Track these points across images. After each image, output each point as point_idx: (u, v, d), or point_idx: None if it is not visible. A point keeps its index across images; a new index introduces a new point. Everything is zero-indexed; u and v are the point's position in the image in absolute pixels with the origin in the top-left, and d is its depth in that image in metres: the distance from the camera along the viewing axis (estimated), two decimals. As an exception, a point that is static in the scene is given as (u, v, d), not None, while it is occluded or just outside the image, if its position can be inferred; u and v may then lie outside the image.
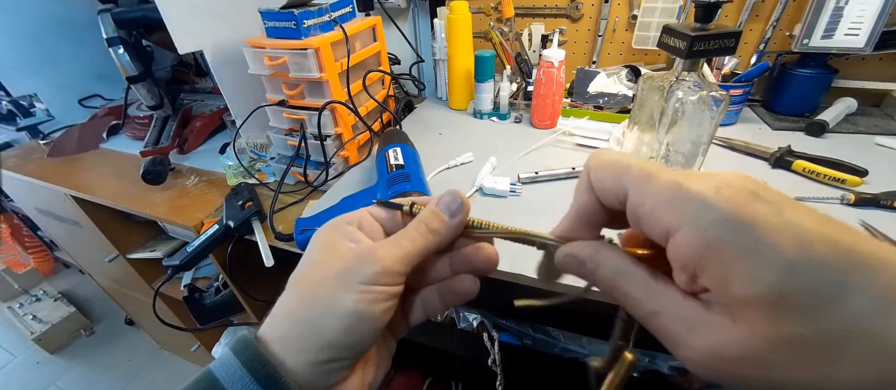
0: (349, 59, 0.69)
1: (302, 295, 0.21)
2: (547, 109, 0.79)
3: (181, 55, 1.09)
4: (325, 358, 0.20)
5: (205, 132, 0.97)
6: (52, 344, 1.64)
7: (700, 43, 0.46)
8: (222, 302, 0.88)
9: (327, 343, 0.20)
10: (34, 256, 1.86)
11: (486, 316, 0.74)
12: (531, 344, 0.73)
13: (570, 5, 0.94)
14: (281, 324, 0.21)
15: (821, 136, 0.72)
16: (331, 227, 0.24)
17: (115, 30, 0.77)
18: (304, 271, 0.22)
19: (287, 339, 0.20)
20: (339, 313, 0.20)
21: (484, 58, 0.82)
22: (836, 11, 0.68)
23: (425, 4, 1.03)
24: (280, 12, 0.63)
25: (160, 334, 1.51)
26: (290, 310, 0.21)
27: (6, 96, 1.08)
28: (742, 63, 0.86)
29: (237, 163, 0.74)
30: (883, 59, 0.77)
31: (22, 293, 1.76)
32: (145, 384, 1.53)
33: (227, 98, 0.75)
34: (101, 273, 1.24)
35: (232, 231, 0.61)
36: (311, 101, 0.68)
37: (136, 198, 0.77)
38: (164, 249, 1.01)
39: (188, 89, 1.18)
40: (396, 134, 0.67)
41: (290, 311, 0.21)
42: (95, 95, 1.20)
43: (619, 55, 0.96)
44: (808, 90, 0.77)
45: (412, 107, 0.98)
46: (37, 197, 1.04)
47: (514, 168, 0.68)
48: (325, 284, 0.21)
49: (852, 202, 0.54)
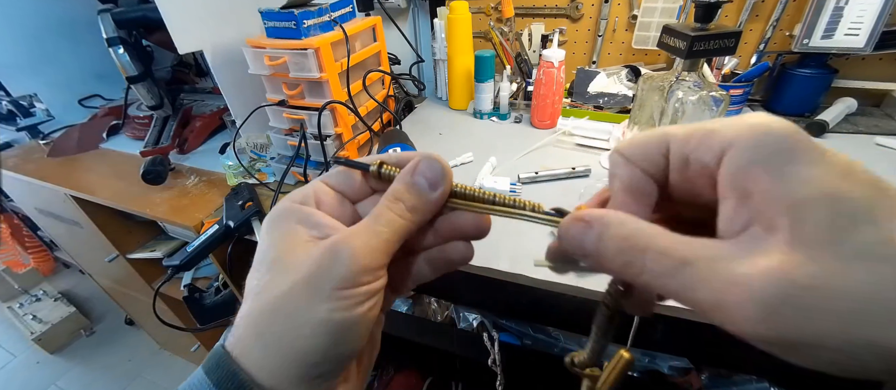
0: (349, 59, 0.69)
1: (267, 310, 0.17)
2: (547, 109, 0.79)
3: (181, 55, 1.09)
4: (309, 376, 0.17)
5: (205, 132, 0.97)
6: (52, 344, 1.64)
7: (700, 43, 0.46)
8: (222, 302, 0.88)
9: (307, 362, 0.17)
10: (34, 256, 1.86)
11: (486, 316, 0.74)
12: (531, 344, 0.73)
13: (570, 5, 0.94)
14: (249, 347, 0.18)
15: (821, 136, 0.72)
16: (284, 213, 0.20)
17: (115, 30, 0.77)
18: (265, 277, 0.18)
19: (261, 367, 0.17)
20: (316, 329, 0.17)
21: (484, 58, 0.82)
22: (836, 11, 0.68)
23: (425, 4, 1.03)
24: (280, 12, 0.63)
25: (160, 334, 1.51)
26: (257, 329, 0.18)
27: (6, 96, 1.08)
28: (742, 63, 0.86)
29: (237, 163, 0.74)
30: (883, 59, 0.77)
31: (22, 293, 1.76)
32: (145, 384, 1.53)
33: (227, 98, 0.75)
34: (101, 273, 1.24)
35: (232, 231, 0.61)
36: (311, 101, 0.68)
37: (136, 198, 0.77)
38: (164, 249, 1.01)
39: (188, 89, 1.18)
40: (396, 134, 0.67)
41: (258, 330, 0.18)
42: (95, 95, 1.20)
43: (619, 55, 0.96)
44: (808, 90, 0.77)
45: (412, 107, 0.98)
46: (37, 197, 1.04)
47: (514, 168, 0.68)
48: (293, 295, 0.17)
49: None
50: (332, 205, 0.21)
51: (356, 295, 0.17)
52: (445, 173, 0.19)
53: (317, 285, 0.17)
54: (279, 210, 0.20)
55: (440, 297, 0.83)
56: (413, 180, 0.19)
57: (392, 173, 0.20)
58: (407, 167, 0.20)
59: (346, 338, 0.17)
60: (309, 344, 0.17)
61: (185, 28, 0.66)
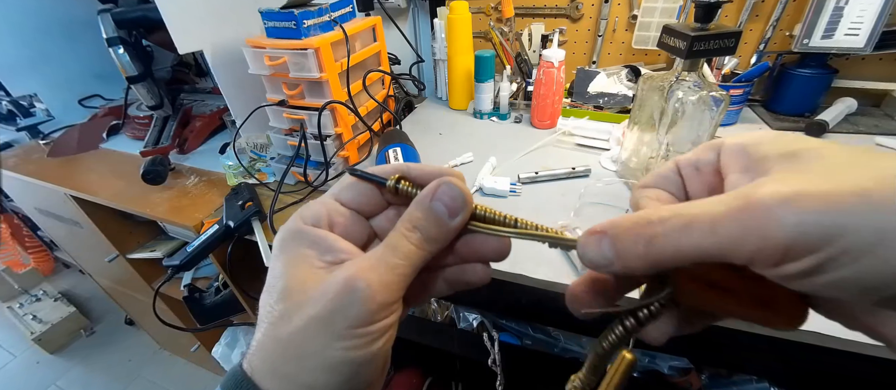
0: (349, 59, 0.69)
1: (281, 346, 0.17)
2: (547, 109, 0.79)
3: (181, 55, 1.09)
4: None
5: (205, 132, 0.97)
6: (52, 344, 1.64)
7: (700, 43, 0.46)
8: (222, 302, 0.88)
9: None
10: (34, 256, 1.86)
11: (486, 316, 0.74)
12: (531, 345, 0.73)
13: (570, 5, 0.94)
14: (263, 379, 0.17)
15: (821, 137, 0.72)
16: (294, 235, 0.19)
17: (115, 30, 0.77)
18: (277, 307, 0.18)
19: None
20: (331, 367, 0.17)
21: (484, 58, 0.82)
22: (836, 11, 0.68)
23: (425, 4, 1.03)
24: (280, 12, 0.63)
25: (160, 334, 1.51)
26: (271, 366, 0.17)
27: (6, 96, 1.08)
28: (742, 63, 0.86)
29: (237, 163, 0.74)
30: (883, 59, 0.77)
31: (22, 293, 1.76)
32: (145, 384, 1.53)
33: (227, 98, 0.75)
34: (101, 273, 1.24)
35: (232, 231, 0.61)
36: (311, 101, 0.68)
37: (136, 198, 0.77)
38: (164, 249, 1.01)
39: (188, 89, 1.18)
40: (396, 134, 0.67)
41: (271, 367, 0.17)
42: (95, 95, 1.20)
43: (619, 55, 0.96)
44: (808, 90, 0.77)
45: (412, 107, 0.98)
46: (37, 197, 1.04)
47: (514, 168, 0.68)
48: (307, 332, 0.17)
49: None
50: (346, 225, 0.20)
51: (372, 332, 0.17)
52: (466, 201, 0.19)
53: (331, 323, 0.17)
54: (289, 231, 0.19)
55: (440, 297, 0.83)
56: (431, 206, 0.19)
57: (410, 191, 0.20)
58: (425, 191, 0.19)
59: (361, 374, 0.17)
60: (322, 383, 0.17)
61: (185, 28, 0.66)
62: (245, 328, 0.95)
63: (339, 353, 0.16)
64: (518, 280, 0.48)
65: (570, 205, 0.59)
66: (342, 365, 0.17)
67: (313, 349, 0.17)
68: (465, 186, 0.19)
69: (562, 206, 0.59)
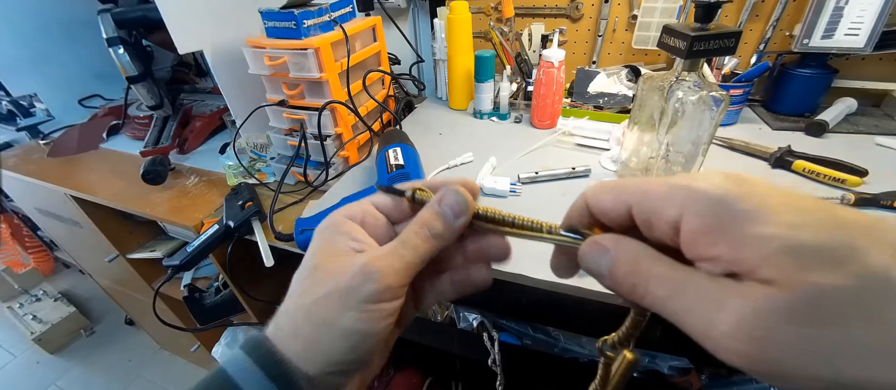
0: (349, 59, 0.69)
1: (305, 311, 0.21)
2: (547, 109, 0.79)
3: (181, 55, 1.09)
4: (329, 371, 0.21)
5: (205, 132, 0.97)
6: (52, 344, 1.64)
7: (700, 43, 0.46)
8: (222, 302, 0.88)
9: (331, 360, 0.20)
10: (34, 256, 1.86)
11: (486, 316, 0.74)
12: (531, 345, 0.73)
13: (570, 5, 0.94)
14: (285, 339, 0.21)
15: (821, 136, 0.72)
16: (331, 227, 0.23)
17: (115, 30, 0.77)
18: (307, 282, 0.22)
19: (295, 355, 0.21)
20: (342, 333, 0.20)
21: (484, 58, 0.82)
22: (836, 11, 0.68)
23: (425, 4, 1.03)
24: (280, 12, 0.63)
25: (160, 334, 1.51)
26: (295, 327, 0.21)
27: (6, 96, 1.08)
28: (742, 63, 0.86)
29: (237, 163, 0.74)
30: (883, 59, 0.77)
31: (22, 293, 1.76)
32: (145, 384, 1.53)
33: (227, 98, 0.75)
34: (101, 273, 1.24)
35: (232, 231, 0.61)
36: (311, 101, 0.68)
37: (136, 198, 0.77)
38: (164, 249, 1.01)
39: (188, 89, 1.18)
40: (396, 134, 0.67)
41: (295, 328, 0.21)
42: (95, 95, 1.20)
43: (619, 55, 0.96)
44: (808, 90, 0.77)
45: (412, 107, 0.98)
46: (37, 197, 1.04)
47: (514, 168, 0.68)
48: (328, 302, 0.21)
49: (852, 202, 0.54)
50: (375, 225, 0.24)
51: (379, 310, 0.20)
52: (468, 205, 0.22)
53: (348, 298, 0.20)
54: (329, 220, 0.24)
55: (446, 301, 0.83)
56: (440, 209, 0.22)
57: (424, 198, 0.24)
58: (435, 197, 0.23)
59: (365, 346, 0.21)
60: (336, 346, 0.20)
61: (185, 28, 0.66)
62: (245, 328, 0.95)
63: (351, 323, 0.20)
64: (518, 280, 0.48)
65: (570, 205, 0.58)
66: (352, 334, 0.20)
67: (331, 317, 0.20)
68: (468, 194, 0.23)
69: (562, 206, 0.59)
